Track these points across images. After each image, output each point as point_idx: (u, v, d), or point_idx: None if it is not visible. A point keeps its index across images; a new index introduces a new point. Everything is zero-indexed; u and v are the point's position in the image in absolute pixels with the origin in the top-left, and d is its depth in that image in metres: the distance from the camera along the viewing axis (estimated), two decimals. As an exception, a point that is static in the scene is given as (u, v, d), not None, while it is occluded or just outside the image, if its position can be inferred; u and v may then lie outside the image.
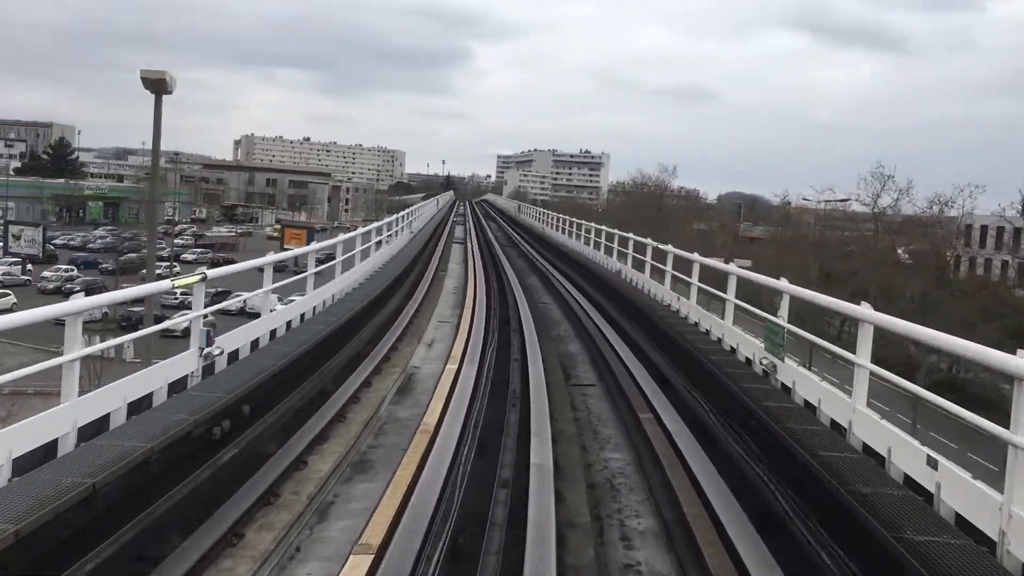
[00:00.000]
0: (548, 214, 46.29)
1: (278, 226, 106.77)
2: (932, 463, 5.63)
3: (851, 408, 7.01)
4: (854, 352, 6.95)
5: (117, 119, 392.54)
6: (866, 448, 6.67)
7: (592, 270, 24.19)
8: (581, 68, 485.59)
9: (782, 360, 8.94)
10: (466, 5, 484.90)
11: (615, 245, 22.53)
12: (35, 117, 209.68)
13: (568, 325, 18.83)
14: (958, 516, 5.29)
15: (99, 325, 47.67)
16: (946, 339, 5.80)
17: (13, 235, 61.34)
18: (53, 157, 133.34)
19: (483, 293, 21.72)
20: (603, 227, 25.50)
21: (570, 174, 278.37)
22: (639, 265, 19.82)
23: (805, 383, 8.36)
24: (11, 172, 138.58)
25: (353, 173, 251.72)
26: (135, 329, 45.01)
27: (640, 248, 19.63)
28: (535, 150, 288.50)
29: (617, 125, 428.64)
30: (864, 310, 6.93)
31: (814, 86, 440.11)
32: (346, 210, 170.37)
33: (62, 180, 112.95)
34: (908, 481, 5.94)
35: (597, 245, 26.12)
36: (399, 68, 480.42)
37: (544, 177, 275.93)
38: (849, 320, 26.57)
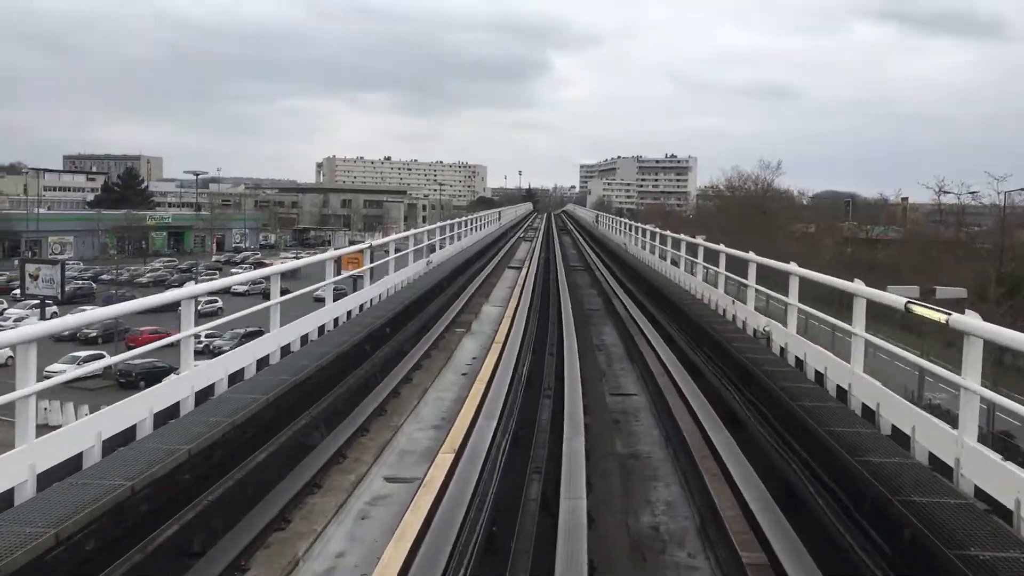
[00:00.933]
0: (632, 225, 35.92)
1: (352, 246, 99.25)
2: None
3: None
4: None
5: (212, 149, 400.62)
6: None
7: (702, 325, 13.82)
8: (662, 71, 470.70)
9: None
10: (544, 15, 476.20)
11: (751, 282, 12.08)
12: (126, 150, 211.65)
13: (675, 487, 8.56)
14: None
15: (96, 382, 40.09)
16: None
17: (30, 275, 54.90)
18: (121, 188, 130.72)
19: (510, 369, 11.94)
20: (721, 247, 14.59)
21: (656, 180, 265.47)
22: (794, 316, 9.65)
23: None
24: (85, 205, 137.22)
25: (433, 190, 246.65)
26: (135, 387, 37.25)
27: (808, 292, 9.35)
28: (619, 157, 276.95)
29: (701, 127, 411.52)
30: None
31: (902, 77, 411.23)
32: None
33: (123, 211, 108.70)
34: None
35: (707, 274, 15.92)
36: (480, 83, 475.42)
37: (629, 185, 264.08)
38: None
